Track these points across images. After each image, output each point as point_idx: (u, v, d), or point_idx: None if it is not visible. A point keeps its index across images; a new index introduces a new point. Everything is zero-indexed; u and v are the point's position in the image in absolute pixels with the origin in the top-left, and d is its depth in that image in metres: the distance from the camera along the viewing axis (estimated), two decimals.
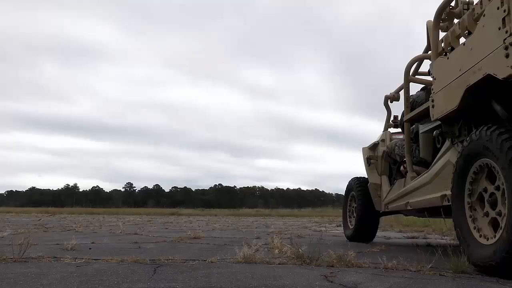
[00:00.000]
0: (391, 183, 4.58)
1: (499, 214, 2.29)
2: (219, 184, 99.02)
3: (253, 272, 2.30)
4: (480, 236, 2.44)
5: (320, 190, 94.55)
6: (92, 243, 4.12)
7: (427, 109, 3.28)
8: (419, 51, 4.16)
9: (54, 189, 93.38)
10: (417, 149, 3.88)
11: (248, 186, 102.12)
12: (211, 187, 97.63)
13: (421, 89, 4.08)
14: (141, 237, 5.21)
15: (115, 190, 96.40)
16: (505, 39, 2.21)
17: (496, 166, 2.30)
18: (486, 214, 2.42)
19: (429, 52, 3.49)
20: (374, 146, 5.15)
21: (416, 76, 4.24)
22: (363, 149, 5.35)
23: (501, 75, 2.23)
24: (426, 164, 3.67)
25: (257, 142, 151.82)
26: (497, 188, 2.32)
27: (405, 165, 4.12)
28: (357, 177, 5.45)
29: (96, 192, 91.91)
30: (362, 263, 2.66)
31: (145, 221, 11.80)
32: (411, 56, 4.15)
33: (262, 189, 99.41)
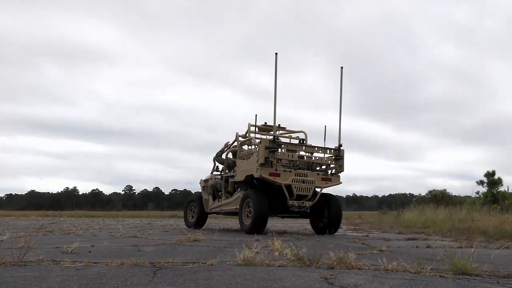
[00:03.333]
0: (214, 199, 8.92)
1: (250, 212, 7.19)
2: None
3: (253, 275, 2.30)
4: (245, 220, 7.32)
5: None
6: (92, 246, 4.12)
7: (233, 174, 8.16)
8: (420, 51, 4.28)
9: (54, 192, 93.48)
10: (228, 187, 8.45)
11: None
12: None
13: (220, 174, 8.93)
14: (141, 240, 5.21)
15: (115, 193, 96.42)
16: (256, 166, 7.11)
17: (251, 200, 7.19)
18: (249, 212, 7.24)
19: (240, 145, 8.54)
20: (206, 180, 9.32)
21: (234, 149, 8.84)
22: (201, 180, 9.52)
23: (256, 175, 7.16)
24: (231, 194, 8.31)
25: None
26: (252, 205, 7.21)
27: (221, 192, 8.63)
28: (196, 193, 9.41)
29: (95, 195, 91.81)
30: (362, 264, 2.66)
31: (145, 224, 11.79)
32: (411, 57, 4.35)
33: None
